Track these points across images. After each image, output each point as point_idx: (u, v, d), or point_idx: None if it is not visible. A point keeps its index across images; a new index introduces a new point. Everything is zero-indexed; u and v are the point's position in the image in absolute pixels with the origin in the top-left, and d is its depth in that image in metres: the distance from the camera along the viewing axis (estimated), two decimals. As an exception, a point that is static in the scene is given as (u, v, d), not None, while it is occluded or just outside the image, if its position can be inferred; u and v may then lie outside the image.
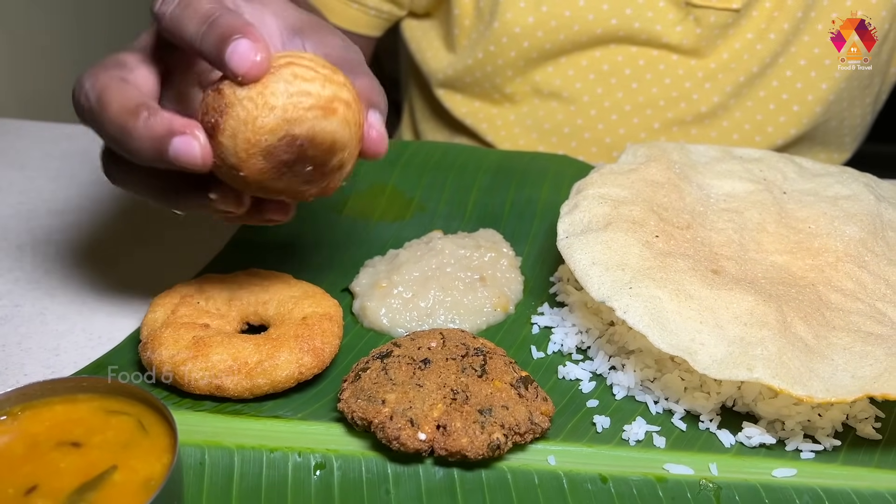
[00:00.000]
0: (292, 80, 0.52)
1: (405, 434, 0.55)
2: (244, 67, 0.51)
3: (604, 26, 1.00)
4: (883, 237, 0.70)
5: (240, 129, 0.51)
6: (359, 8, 1.07)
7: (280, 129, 0.52)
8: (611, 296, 0.61)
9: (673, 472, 0.57)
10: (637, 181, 0.72)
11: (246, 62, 0.51)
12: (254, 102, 0.51)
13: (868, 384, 0.56)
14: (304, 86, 0.52)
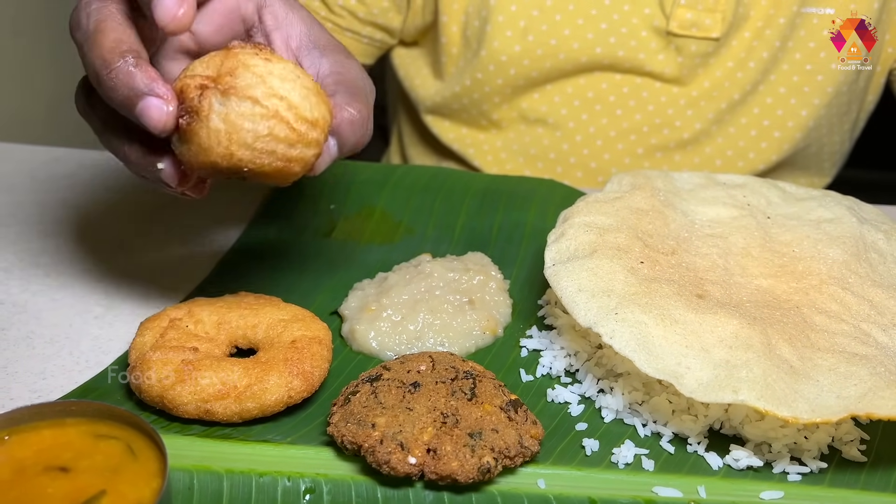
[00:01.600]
0: (266, 128, 0.52)
1: (395, 458, 0.55)
2: (166, 20, 0.52)
3: (588, 55, 1.02)
4: (866, 259, 0.71)
5: (199, 149, 0.53)
6: (353, 36, 1.08)
7: (232, 163, 0.53)
8: (597, 321, 0.62)
9: (662, 494, 0.57)
10: (622, 209, 0.73)
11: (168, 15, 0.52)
12: (221, 134, 0.52)
13: (853, 404, 0.57)
14: (272, 144, 0.53)
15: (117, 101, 0.54)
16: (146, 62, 0.54)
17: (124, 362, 0.66)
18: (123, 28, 0.55)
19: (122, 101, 0.53)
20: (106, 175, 0.99)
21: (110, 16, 0.55)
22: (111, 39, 0.54)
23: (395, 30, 1.10)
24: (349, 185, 0.94)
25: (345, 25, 1.07)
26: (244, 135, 0.52)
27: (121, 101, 0.53)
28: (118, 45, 0.53)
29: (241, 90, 0.52)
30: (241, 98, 0.52)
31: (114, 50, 0.53)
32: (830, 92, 1.04)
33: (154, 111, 0.52)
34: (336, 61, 0.63)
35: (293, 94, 0.53)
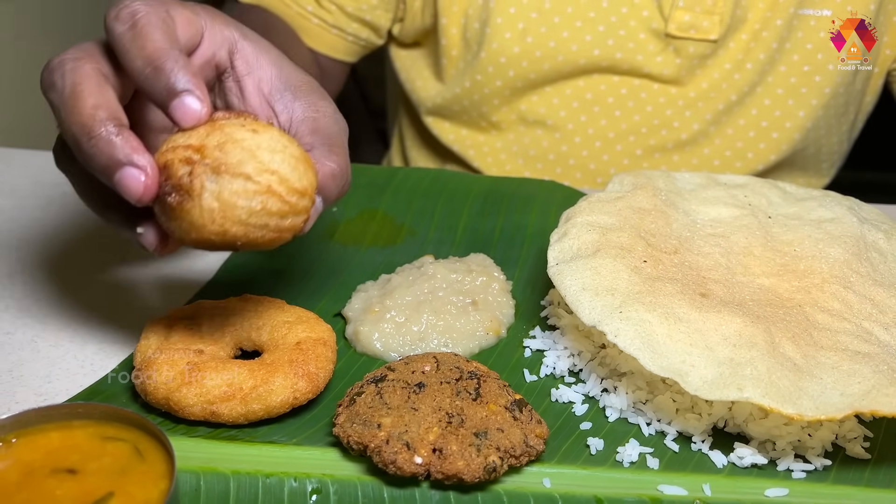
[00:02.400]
0: (259, 203, 0.52)
1: (401, 458, 0.56)
2: (189, 122, 0.53)
3: (587, 57, 1.03)
4: (867, 258, 0.72)
5: (190, 226, 0.52)
6: (338, 33, 1.08)
7: (226, 239, 0.53)
8: (601, 320, 0.62)
9: (667, 492, 0.58)
10: (624, 208, 0.73)
11: (191, 118, 0.53)
12: (214, 212, 0.51)
13: (857, 401, 0.57)
14: (265, 218, 0.52)
15: (96, 168, 0.53)
16: (128, 130, 0.53)
17: (129, 365, 0.67)
18: (101, 91, 0.53)
19: (100, 169, 0.52)
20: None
21: (87, 77, 0.53)
22: (90, 105, 0.52)
23: (381, 28, 1.11)
24: (351, 188, 0.94)
25: (332, 22, 1.07)
26: (238, 212, 0.51)
27: (100, 170, 0.53)
28: (97, 111, 0.52)
29: (232, 167, 0.51)
30: (233, 175, 0.51)
31: (93, 116, 0.52)
32: (828, 93, 1.05)
33: (133, 182, 0.52)
34: (309, 104, 0.62)
35: (283, 166, 0.52)
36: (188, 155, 0.52)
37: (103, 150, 0.52)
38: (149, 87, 0.53)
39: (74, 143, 0.53)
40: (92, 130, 0.52)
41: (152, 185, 0.52)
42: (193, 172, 0.51)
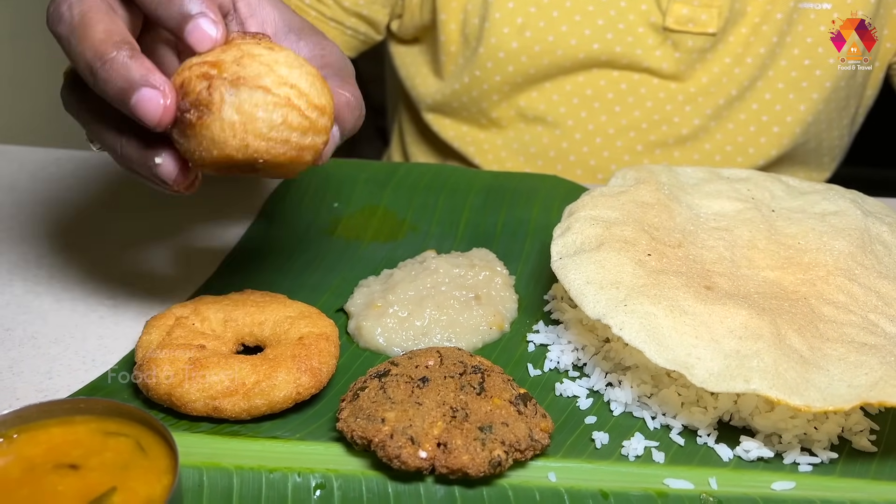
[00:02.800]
0: (280, 116, 0.51)
1: (406, 452, 0.55)
2: (204, 46, 0.53)
3: (586, 51, 1.02)
4: (871, 251, 0.71)
5: (211, 143, 0.51)
6: (336, 26, 1.08)
7: (248, 154, 0.52)
8: (606, 313, 0.62)
9: (673, 486, 0.57)
10: (627, 203, 0.72)
11: (206, 41, 0.53)
12: (235, 126, 0.51)
13: (864, 392, 0.57)
14: (286, 132, 0.52)
15: (111, 93, 0.52)
16: (140, 53, 0.52)
17: (131, 361, 0.66)
18: (111, 19, 0.53)
19: (116, 93, 0.51)
20: (107, 176, 0.99)
21: (95, 7, 0.53)
22: (101, 31, 0.52)
23: (379, 24, 1.10)
24: (352, 184, 0.94)
25: (329, 15, 1.07)
26: (259, 125, 0.51)
27: (115, 94, 0.51)
28: (110, 36, 0.52)
29: (251, 80, 0.50)
30: (252, 88, 0.50)
31: (106, 41, 0.51)
32: (829, 87, 1.04)
33: (150, 104, 0.51)
34: (315, 43, 0.62)
35: (301, 81, 0.52)
36: (205, 70, 0.51)
37: (119, 73, 0.51)
38: (162, 12, 0.53)
39: (88, 69, 0.52)
40: (105, 54, 0.51)
41: (171, 105, 0.51)
42: (212, 86, 0.50)
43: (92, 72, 0.52)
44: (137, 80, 0.51)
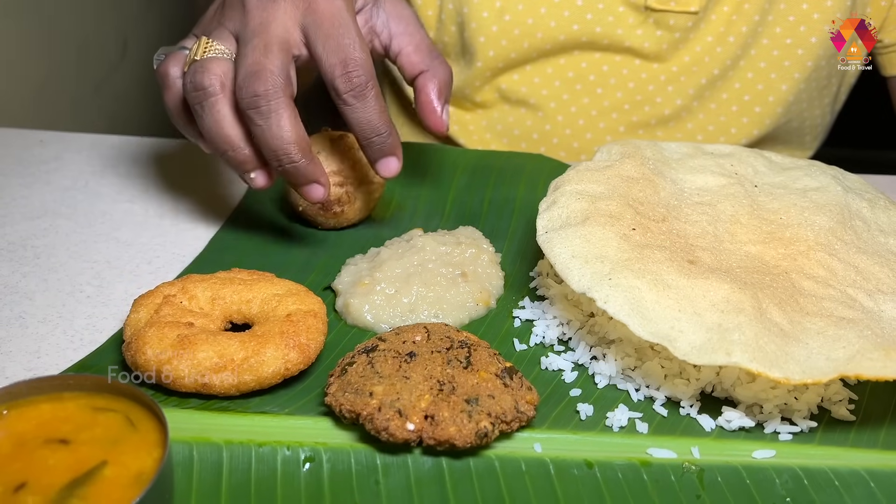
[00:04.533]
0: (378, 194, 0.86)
1: (394, 424, 0.56)
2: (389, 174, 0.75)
3: (566, 33, 1.02)
4: (851, 226, 0.72)
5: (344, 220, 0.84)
6: None
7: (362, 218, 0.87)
8: (591, 287, 0.63)
9: (656, 455, 0.58)
10: (613, 177, 0.73)
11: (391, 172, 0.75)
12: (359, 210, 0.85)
13: (842, 365, 0.58)
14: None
15: (295, 180, 0.72)
16: (315, 157, 0.72)
17: (119, 340, 0.66)
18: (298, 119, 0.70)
19: (299, 180, 0.71)
20: (91, 157, 0.98)
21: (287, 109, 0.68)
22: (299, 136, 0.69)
23: None
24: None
25: None
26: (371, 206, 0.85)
27: (297, 180, 0.72)
28: (303, 141, 0.70)
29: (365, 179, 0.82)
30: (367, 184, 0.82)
31: (301, 143, 0.69)
32: (810, 66, 1.05)
33: (317, 193, 0.73)
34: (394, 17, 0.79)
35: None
36: (339, 180, 0.80)
37: (307, 169, 0.71)
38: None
39: (283, 150, 0.69)
40: (295, 157, 0.69)
41: (326, 193, 0.74)
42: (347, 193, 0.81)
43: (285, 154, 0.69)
44: (313, 178, 0.72)
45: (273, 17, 0.69)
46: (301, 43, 0.70)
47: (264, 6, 0.70)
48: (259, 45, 0.68)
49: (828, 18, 1.02)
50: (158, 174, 0.95)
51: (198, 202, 0.89)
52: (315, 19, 0.69)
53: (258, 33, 0.69)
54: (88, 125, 1.47)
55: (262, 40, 0.68)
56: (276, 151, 0.69)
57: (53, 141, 1.02)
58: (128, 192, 0.91)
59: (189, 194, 0.91)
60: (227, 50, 0.71)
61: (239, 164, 0.72)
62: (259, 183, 0.73)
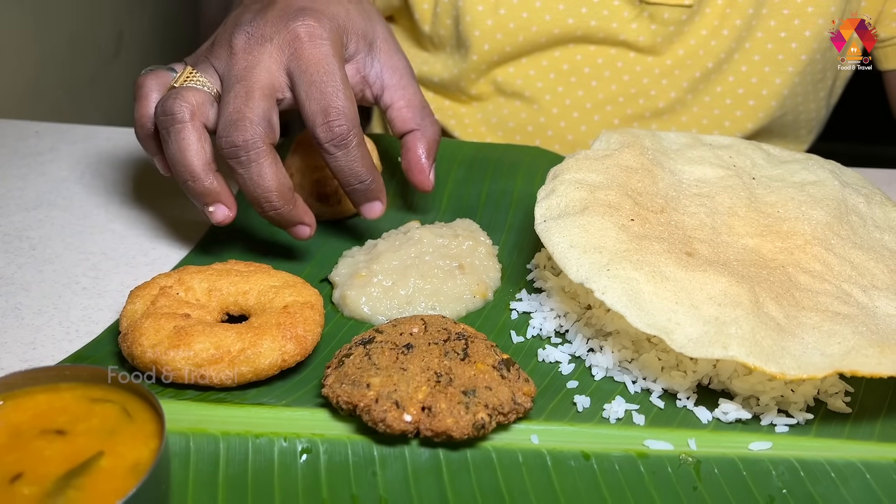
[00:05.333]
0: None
1: (391, 416, 0.56)
2: (373, 216, 0.76)
3: (561, 26, 1.02)
4: (848, 221, 0.72)
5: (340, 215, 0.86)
6: None
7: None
8: (589, 277, 0.62)
9: (653, 447, 0.59)
10: (612, 167, 0.73)
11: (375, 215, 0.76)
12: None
13: (837, 361, 0.58)
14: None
15: (279, 224, 0.72)
16: (300, 200, 0.72)
17: (115, 331, 0.66)
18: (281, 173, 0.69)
19: (282, 222, 0.72)
20: (87, 149, 0.98)
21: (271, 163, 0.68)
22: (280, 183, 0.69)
23: None
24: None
25: None
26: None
27: (281, 222, 0.72)
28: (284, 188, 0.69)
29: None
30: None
31: (281, 190, 0.69)
32: (804, 59, 1.05)
33: (303, 232, 0.74)
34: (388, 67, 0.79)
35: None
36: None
37: (286, 216, 0.71)
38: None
39: (257, 205, 0.70)
40: (276, 204, 0.70)
41: (312, 231, 0.74)
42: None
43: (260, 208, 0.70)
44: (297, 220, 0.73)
45: (258, 60, 0.69)
46: (286, 86, 0.70)
47: (250, 49, 0.69)
48: (241, 92, 0.67)
49: (822, 12, 1.02)
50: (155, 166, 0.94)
51: (194, 194, 0.89)
52: (300, 65, 0.68)
53: (241, 79, 0.68)
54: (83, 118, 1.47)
55: (245, 87, 0.68)
56: (258, 199, 0.69)
57: (49, 132, 1.01)
58: (124, 183, 0.91)
59: (185, 186, 0.90)
60: (208, 83, 0.70)
61: (198, 196, 0.70)
62: (218, 217, 0.71)
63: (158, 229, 0.83)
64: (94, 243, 0.81)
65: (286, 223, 0.72)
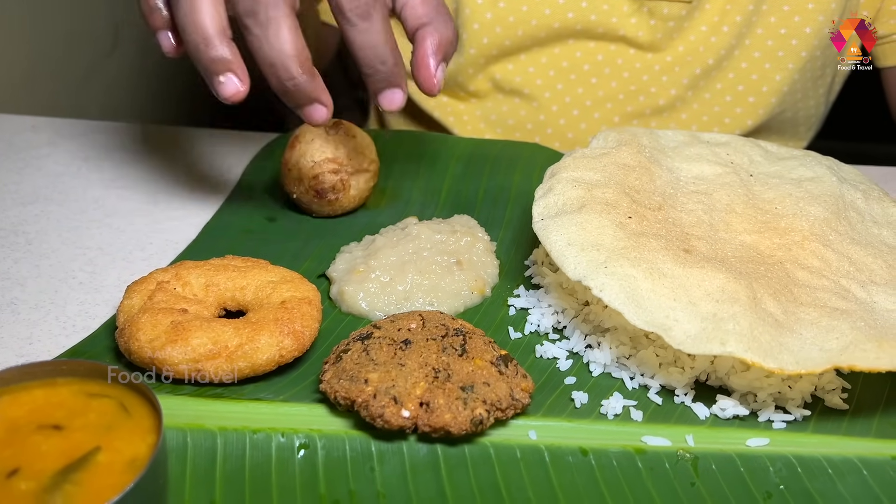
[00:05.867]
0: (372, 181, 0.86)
1: (389, 411, 0.56)
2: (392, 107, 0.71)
3: (560, 20, 1.02)
4: (846, 217, 0.72)
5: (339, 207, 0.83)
6: None
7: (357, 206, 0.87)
8: (587, 275, 0.62)
9: (651, 443, 0.59)
10: (609, 165, 0.73)
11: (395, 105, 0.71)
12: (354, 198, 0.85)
13: (835, 356, 0.58)
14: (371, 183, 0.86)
15: (294, 100, 0.66)
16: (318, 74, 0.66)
17: (112, 326, 0.66)
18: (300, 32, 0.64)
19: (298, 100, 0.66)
20: (83, 144, 0.98)
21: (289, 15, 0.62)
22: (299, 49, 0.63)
23: None
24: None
25: None
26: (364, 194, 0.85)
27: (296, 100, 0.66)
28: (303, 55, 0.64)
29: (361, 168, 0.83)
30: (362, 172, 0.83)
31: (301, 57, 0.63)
32: (804, 56, 1.05)
33: (319, 114, 0.67)
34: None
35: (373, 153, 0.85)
36: (335, 167, 0.80)
37: (303, 88, 0.65)
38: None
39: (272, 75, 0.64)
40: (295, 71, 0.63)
41: (329, 115, 0.68)
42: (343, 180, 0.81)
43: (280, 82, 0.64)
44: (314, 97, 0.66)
45: None
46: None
47: None
48: None
49: (822, 9, 1.02)
50: (152, 161, 0.94)
51: (191, 189, 0.89)
52: None
53: None
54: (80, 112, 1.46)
55: None
56: (274, 66, 0.63)
57: (45, 126, 1.01)
58: (121, 178, 0.91)
59: (183, 181, 0.90)
60: None
61: (209, 63, 0.63)
62: (228, 90, 0.64)
63: (156, 224, 0.83)
64: (91, 238, 0.80)
65: (303, 98, 0.66)
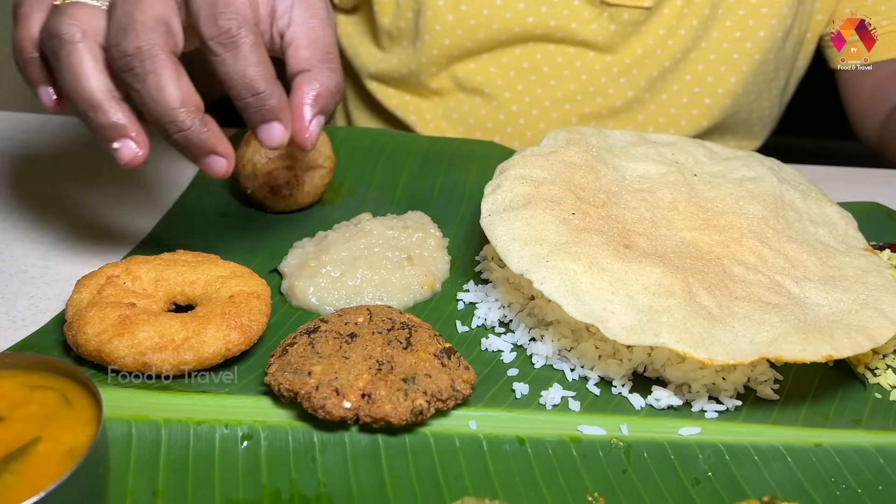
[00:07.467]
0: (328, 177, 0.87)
1: (330, 403, 0.57)
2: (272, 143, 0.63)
3: (521, 24, 1.04)
4: (784, 216, 0.75)
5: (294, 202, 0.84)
6: None
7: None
8: (529, 268, 0.64)
9: (586, 432, 0.60)
10: (556, 163, 0.75)
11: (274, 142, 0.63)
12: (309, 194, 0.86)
13: (763, 348, 0.60)
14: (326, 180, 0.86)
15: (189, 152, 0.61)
16: (211, 120, 0.61)
17: (61, 320, 0.67)
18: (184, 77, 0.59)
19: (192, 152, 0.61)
20: (42, 139, 0.97)
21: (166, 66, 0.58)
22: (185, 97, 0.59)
23: None
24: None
25: None
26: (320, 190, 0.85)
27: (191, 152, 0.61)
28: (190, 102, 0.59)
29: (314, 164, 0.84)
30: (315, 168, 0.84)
31: (188, 104, 0.59)
32: (758, 59, 1.08)
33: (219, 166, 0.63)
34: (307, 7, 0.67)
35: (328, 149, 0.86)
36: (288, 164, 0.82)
37: (195, 139, 0.60)
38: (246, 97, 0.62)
39: (162, 128, 0.60)
40: (183, 124, 0.59)
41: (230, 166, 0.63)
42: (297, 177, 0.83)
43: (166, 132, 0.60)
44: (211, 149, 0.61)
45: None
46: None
47: None
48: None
49: (775, 13, 1.05)
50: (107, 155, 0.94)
51: (147, 184, 0.89)
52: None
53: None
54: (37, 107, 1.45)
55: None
56: (161, 119, 0.59)
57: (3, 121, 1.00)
58: (77, 173, 0.91)
59: (139, 176, 0.91)
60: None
61: (101, 129, 0.60)
62: (125, 156, 0.61)
63: (109, 219, 0.83)
64: (44, 234, 0.80)
65: (197, 150, 0.61)
